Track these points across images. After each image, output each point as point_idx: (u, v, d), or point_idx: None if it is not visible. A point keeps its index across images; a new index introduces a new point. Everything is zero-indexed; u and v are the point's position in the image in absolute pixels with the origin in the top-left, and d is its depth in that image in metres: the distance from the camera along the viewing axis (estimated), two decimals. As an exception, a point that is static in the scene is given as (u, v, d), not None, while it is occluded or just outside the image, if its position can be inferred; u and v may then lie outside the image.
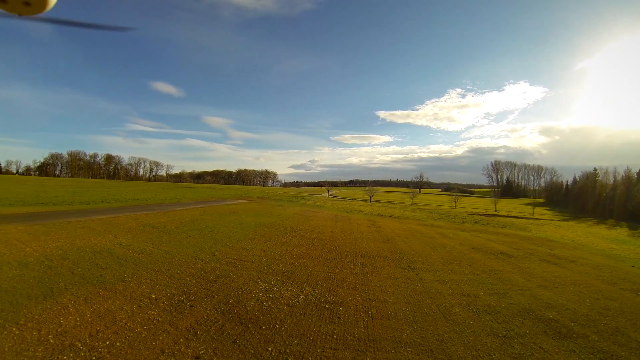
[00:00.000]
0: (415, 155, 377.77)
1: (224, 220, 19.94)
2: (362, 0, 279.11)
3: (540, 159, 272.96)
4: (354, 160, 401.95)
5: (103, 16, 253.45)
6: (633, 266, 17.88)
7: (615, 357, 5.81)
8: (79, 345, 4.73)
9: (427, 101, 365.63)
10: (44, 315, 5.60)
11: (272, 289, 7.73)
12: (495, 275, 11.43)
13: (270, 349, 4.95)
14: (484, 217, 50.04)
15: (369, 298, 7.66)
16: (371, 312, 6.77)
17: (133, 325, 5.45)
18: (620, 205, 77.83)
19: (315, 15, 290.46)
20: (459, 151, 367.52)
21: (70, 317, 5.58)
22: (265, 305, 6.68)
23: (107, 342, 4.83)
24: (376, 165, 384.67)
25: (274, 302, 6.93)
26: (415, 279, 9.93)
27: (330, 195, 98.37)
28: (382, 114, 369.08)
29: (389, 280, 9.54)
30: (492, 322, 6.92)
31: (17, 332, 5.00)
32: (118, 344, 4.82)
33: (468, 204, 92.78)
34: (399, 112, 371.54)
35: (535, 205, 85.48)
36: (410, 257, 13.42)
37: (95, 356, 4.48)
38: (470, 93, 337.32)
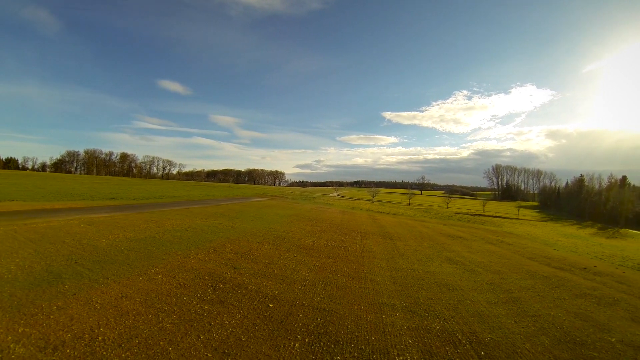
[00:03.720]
0: (421, 157, 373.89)
1: (263, 212, 26.79)
2: (368, 1, 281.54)
3: (547, 163, 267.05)
4: (360, 160, 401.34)
5: (112, 13, 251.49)
6: (555, 249, 24.29)
7: (471, 270, 12.31)
8: (247, 255, 11.44)
9: (433, 103, 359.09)
10: (218, 246, 12.28)
11: (314, 241, 14.56)
12: (443, 246, 18.01)
13: (321, 256, 11.78)
14: (469, 216, 56.38)
15: (362, 247, 14.47)
16: (362, 250, 13.59)
17: (261, 249, 12.22)
18: (599, 209, 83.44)
19: (322, 15, 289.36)
20: (464, 153, 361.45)
21: (231, 248, 12.28)
22: (312, 246, 13.49)
23: (259, 251, 11.60)
24: (382, 166, 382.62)
25: (316, 245, 13.76)
26: (391, 243, 16.67)
27: (338, 195, 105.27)
28: (388, 114, 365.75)
29: (375, 243, 16.29)
30: (424, 258, 13.57)
31: (214, 252, 11.70)
32: (263, 252, 11.59)
33: (461, 205, 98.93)
34: (405, 114, 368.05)
35: (521, 207, 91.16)
36: (393, 235, 20.12)
37: (254, 257, 11.22)
38: (477, 95, 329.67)
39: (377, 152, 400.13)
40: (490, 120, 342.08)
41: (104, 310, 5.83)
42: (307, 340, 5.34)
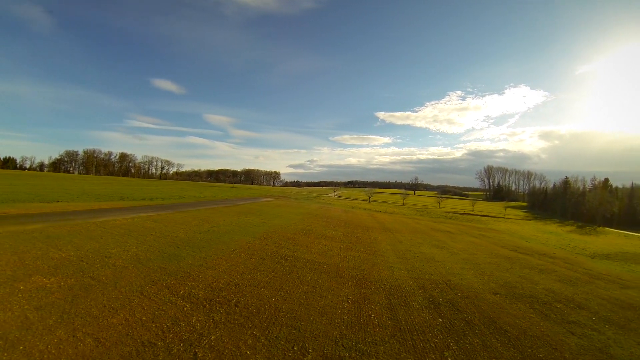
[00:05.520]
0: (414, 157, 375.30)
1: (279, 210, 30.69)
2: (362, 1, 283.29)
3: (540, 164, 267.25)
4: (353, 160, 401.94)
5: (105, 11, 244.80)
6: (527, 242, 28.62)
7: (452, 252, 16.37)
8: (290, 242, 15.34)
9: (427, 103, 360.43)
10: (265, 236, 16.13)
11: (332, 233, 18.55)
12: (432, 237, 22.13)
13: (342, 242, 15.80)
14: (458, 215, 60.93)
15: (370, 237, 18.53)
16: (371, 239, 17.66)
17: (297, 237, 16.10)
18: (581, 209, 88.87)
19: (316, 14, 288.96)
20: (458, 154, 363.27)
21: (275, 237, 16.14)
22: (333, 236, 17.48)
23: (297, 239, 15.52)
24: (375, 166, 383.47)
25: (335, 235, 17.77)
26: (391, 235, 20.76)
27: (336, 195, 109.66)
28: (381, 115, 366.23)
29: (379, 234, 20.36)
30: (417, 244, 17.63)
31: (265, 240, 15.56)
32: (299, 239, 15.52)
33: (452, 204, 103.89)
34: (398, 114, 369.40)
35: (509, 207, 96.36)
36: (391, 229, 24.22)
37: (296, 243, 15.15)
38: (471, 96, 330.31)
39: (371, 152, 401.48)
40: (483, 121, 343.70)
41: (228, 272, 9.27)
42: (354, 281, 9.34)
